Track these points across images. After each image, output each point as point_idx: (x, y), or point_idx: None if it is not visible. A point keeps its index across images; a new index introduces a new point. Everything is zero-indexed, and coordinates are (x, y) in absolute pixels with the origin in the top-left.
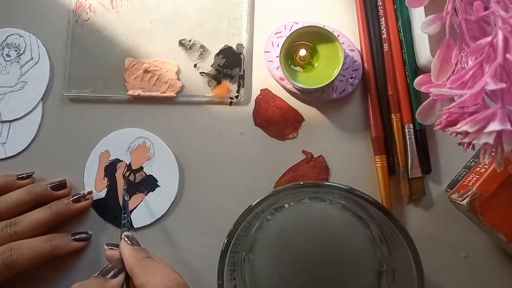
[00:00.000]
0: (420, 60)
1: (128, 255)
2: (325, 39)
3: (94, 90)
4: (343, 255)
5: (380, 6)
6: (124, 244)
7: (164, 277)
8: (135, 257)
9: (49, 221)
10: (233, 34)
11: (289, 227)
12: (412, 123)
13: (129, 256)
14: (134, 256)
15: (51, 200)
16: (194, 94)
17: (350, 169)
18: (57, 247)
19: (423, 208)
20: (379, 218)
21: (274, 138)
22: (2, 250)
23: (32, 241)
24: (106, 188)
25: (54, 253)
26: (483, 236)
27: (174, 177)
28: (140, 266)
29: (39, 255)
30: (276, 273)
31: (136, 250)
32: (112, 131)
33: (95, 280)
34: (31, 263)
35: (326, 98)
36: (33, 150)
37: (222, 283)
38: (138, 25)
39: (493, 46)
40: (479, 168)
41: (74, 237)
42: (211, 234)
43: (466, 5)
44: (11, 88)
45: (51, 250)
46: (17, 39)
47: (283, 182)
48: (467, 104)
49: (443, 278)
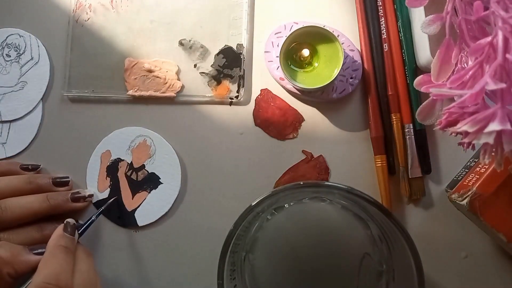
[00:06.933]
0: (420, 60)
1: (53, 237)
2: (325, 39)
3: (94, 90)
4: (343, 255)
5: (380, 6)
6: (59, 227)
7: (52, 273)
8: (54, 241)
9: (44, 212)
10: (233, 34)
11: (289, 227)
12: (412, 123)
13: (52, 239)
14: (54, 240)
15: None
16: (194, 94)
17: (350, 169)
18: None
19: (423, 208)
20: (379, 218)
21: (274, 138)
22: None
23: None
24: (109, 188)
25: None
26: (483, 236)
27: (176, 173)
28: (50, 251)
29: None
30: (276, 273)
31: (61, 236)
32: (112, 131)
33: (22, 247)
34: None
35: (326, 98)
36: (33, 150)
37: (222, 283)
38: (138, 25)
39: (493, 46)
40: (479, 168)
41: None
42: (211, 234)
43: (466, 5)
44: (11, 88)
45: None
46: (17, 39)
47: (283, 182)
48: (467, 104)
49: (443, 278)
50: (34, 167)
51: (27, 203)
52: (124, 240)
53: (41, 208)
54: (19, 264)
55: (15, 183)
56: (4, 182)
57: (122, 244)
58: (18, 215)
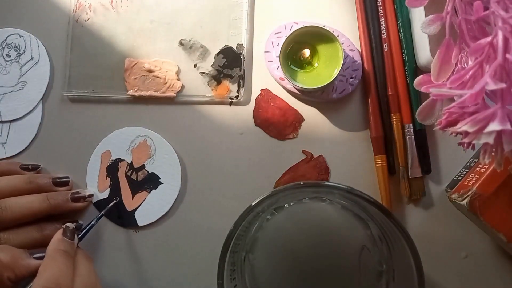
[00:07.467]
0: (420, 60)
1: (52, 241)
2: (325, 39)
3: (94, 90)
4: (343, 255)
5: (380, 6)
6: (58, 232)
7: (52, 277)
8: (54, 245)
9: (44, 212)
10: (233, 34)
11: (289, 227)
12: (412, 123)
13: (51, 243)
14: (54, 244)
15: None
16: (194, 94)
17: (350, 169)
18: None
19: (423, 208)
20: (379, 218)
21: (274, 138)
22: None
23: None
24: (109, 188)
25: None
26: (483, 236)
27: (176, 173)
28: (50, 255)
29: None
30: (276, 273)
31: (60, 241)
32: (112, 131)
33: (22, 251)
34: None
35: (326, 98)
36: (33, 150)
37: (222, 283)
38: (138, 25)
39: (493, 46)
40: (479, 168)
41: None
42: (211, 234)
43: (466, 5)
44: (11, 88)
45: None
46: (17, 39)
47: (283, 182)
48: (467, 104)
49: (443, 278)
50: (34, 167)
51: (27, 202)
52: (124, 240)
53: (41, 208)
54: (19, 268)
55: (15, 183)
56: (4, 182)
57: (122, 244)
58: (18, 214)
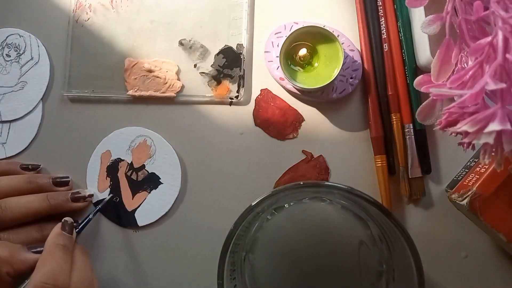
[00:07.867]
0: (420, 60)
1: (51, 236)
2: (325, 39)
3: (94, 90)
4: (343, 255)
5: (380, 6)
6: (57, 226)
7: (50, 272)
8: (53, 239)
9: (44, 212)
10: (233, 34)
11: (289, 227)
12: (412, 123)
13: (50, 237)
14: (52, 239)
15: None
16: (194, 94)
17: (350, 169)
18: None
19: (423, 208)
20: (379, 218)
21: (274, 138)
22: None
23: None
24: (109, 188)
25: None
26: (483, 236)
27: (176, 173)
28: (48, 249)
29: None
30: (276, 273)
31: (59, 235)
32: (112, 131)
33: (20, 246)
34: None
35: (326, 98)
36: (33, 150)
37: (222, 283)
38: (138, 25)
39: (493, 46)
40: (479, 168)
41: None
42: (211, 234)
43: (466, 5)
44: (11, 88)
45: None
46: (17, 39)
47: (283, 182)
48: (467, 104)
49: (443, 278)
50: (34, 167)
51: (27, 202)
52: (124, 240)
53: (41, 208)
54: (17, 263)
55: (15, 183)
56: (4, 182)
57: (122, 244)
58: (18, 214)
